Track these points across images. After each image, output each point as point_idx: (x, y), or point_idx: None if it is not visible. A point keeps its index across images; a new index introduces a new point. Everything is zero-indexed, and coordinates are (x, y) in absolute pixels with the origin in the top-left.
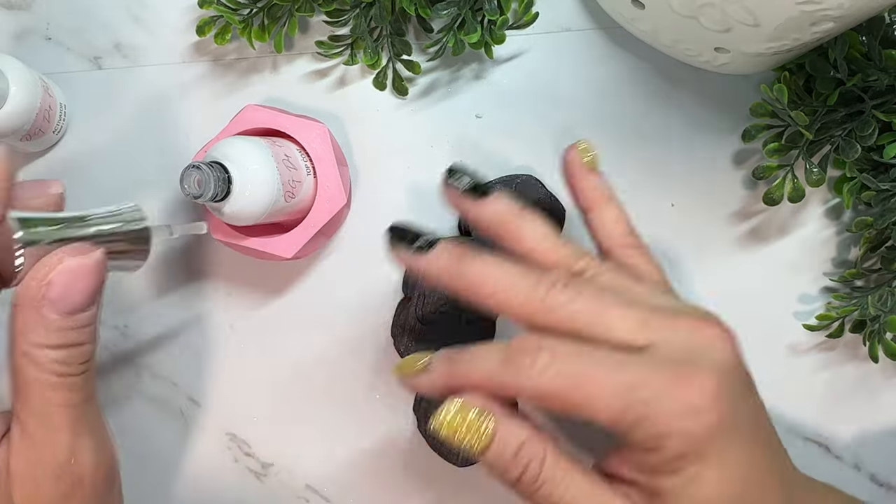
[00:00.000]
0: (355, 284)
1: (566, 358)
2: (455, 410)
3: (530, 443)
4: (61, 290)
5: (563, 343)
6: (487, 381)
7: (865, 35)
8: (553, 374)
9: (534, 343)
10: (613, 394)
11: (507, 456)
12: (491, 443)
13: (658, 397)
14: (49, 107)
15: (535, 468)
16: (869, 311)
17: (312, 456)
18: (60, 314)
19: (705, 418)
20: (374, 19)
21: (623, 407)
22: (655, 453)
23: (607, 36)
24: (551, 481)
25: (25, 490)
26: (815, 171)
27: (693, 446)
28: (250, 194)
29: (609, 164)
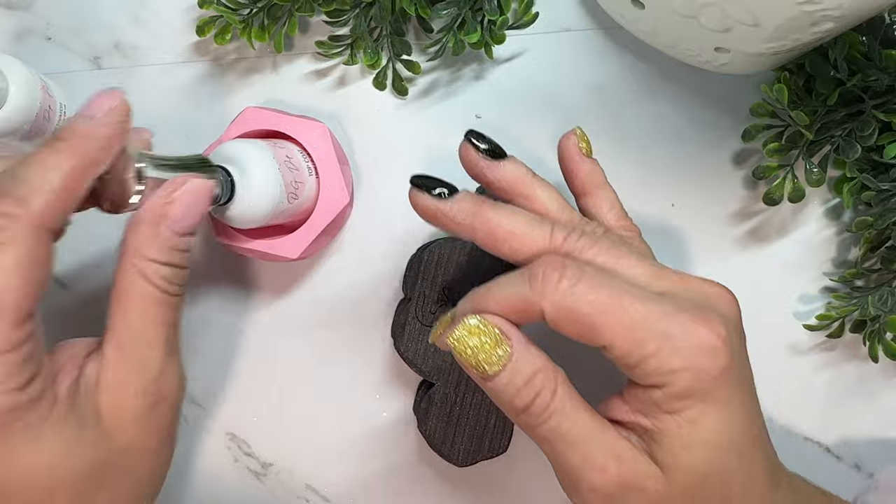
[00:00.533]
0: (356, 285)
1: (593, 279)
2: (472, 328)
3: (544, 371)
4: (182, 209)
5: (591, 267)
6: (512, 299)
7: (865, 35)
8: (580, 291)
9: (559, 262)
10: (636, 322)
11: (519, 382)
12: (505, 366)
13: (679, 332)
14: (49, 107)
15: (546, 397)
16: (869, 311)
17: (312, 456)
18: (174, 232)
19: (720, 360)
20: (374, 19)
21: (644, 337)
22: (661, 389)
23: (607, 36)
24: (560, 412)
25: (113, 400)
26: (815, 171)
27: (701, 385)
28: (254, 197)
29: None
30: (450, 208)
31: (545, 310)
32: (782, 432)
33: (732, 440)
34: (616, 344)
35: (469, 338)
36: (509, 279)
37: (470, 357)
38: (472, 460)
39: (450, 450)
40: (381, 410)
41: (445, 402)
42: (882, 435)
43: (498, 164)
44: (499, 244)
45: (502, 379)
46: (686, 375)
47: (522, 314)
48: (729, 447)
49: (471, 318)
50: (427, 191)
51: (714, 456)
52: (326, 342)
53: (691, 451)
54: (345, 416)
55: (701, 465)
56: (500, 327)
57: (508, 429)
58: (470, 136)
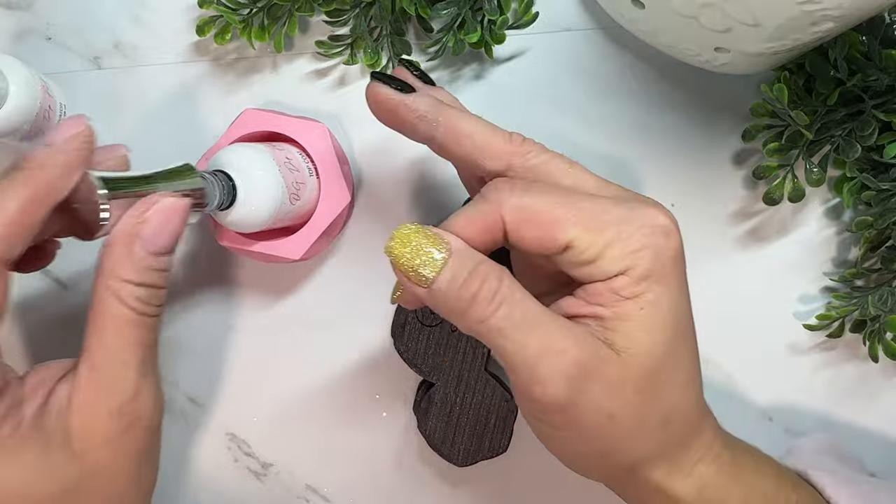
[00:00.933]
0: (356, 284)
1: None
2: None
3: (487, 262)
4: (154, 228)
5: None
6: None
7: (865, 35)
8: (536, 191)
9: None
10: (594, 211)
11: (464, 273)
12: (446, 263)
13: (633, 218)
14: (49, 107)
15: (493, 283)
16: (869, 311)
17: (312, 456)
18: (148, 252)
19: (674, 239)
20: (374, 19)
21: (603, 223)
22: (625, 274)
23: (607, 36)
24: (511, 299)
25: (84, 421)
26: (815, 171)
27: (660, 265)
28: (255, 201)
29: (609, 163)
30: (413, 100)
31: (505, 217)
32: (782, 431)
33: (681, 322)
34: (577, 235)
35: (405, 244)
36: (466, 206)
37: (407, 262)
38: (472, 460)
39: (450, 450)
40: (381, 410)
41: (445, 402)
42: (882, 435)
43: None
44: (461, 140)
45: (445, 275)
46: (647, 254)
47: (485, 233)
48: (677, 329)
49: (405, 226)
50: (388, 83)
51: (668, 337)
52: (326, 342)
53: (650, 332)
54: (345, 416)
55: (658, 346)
56: (437, 231)
57: (508, 429)
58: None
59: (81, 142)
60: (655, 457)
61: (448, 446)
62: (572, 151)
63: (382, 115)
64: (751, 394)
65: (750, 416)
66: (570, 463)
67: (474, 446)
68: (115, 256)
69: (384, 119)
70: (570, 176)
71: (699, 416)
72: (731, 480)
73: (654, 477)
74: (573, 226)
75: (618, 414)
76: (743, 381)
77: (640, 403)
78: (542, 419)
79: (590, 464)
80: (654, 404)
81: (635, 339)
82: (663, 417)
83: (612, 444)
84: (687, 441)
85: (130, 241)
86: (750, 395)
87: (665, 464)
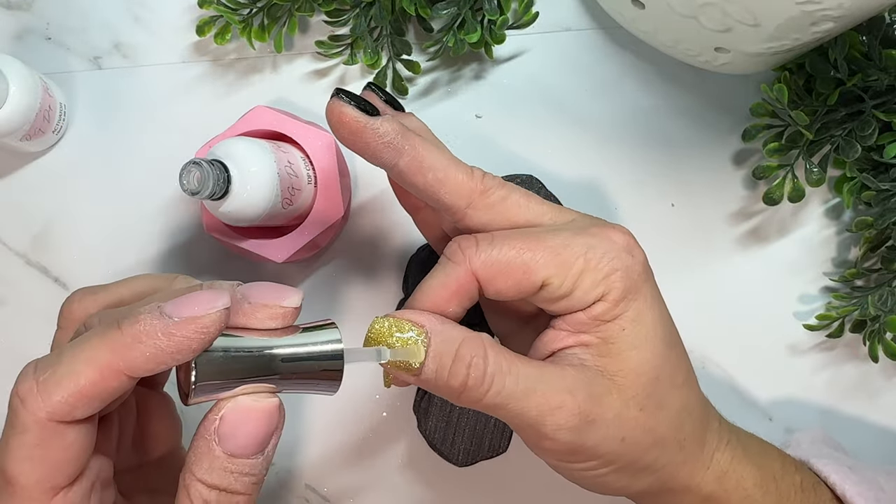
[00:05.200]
0: (355, 285)
1: (505, 235)
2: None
3: (468, 341)
4: (230, 428)
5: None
6: (445, 283)
7: (865, 35)
8: (500, 242)
9: (468, 235)
10: (559, 246)
11: (447, 361)
12: (428, 352)
13: (595, 245)
14: (49, 107)
15: (479, 365)
16: (869, 311)
17: (312, 456)
18: (225, 453)
19: (638, 254)
20: (374, 19)
21: (570, 257)
22: (602, 300)
23: (607, 36)
24: (500, 373)
25: None
26: (815, 171)
27: (632, 282)
28: (248, 196)
29: (609, 164)
30: (380, 124)
31: (477, 274)
32: (781, 431)
33: (666, 331)
34: (550, 274)
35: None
36: (433, 271)
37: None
38: (472, 460)
39: (450, 450)
40: (381, 410)
41: (445, 403)
42: (882, 435)
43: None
44: (423, 171)
45: (430, 366)
46: (619, 276)
47: (461, 295)
48: (664, 338)
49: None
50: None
51: (657, 347)
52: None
53: (639, 349)
54: (345, 416)
55: (649, 359)
56: (410, 318)
57: (508, 429)
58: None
59: (197, 330)
60: (678, 461)
61: (448, 446)
62: (572, 151)
63: (345, 136)
64: (751, 393)
65: (750, 415)
66: (599, 488)
67: (474, 446)
68: (194, 450)
69: (346, 141)
70: (528, 210)
71: (705, 408)
72: (745, 463)
73: (681, 479)
74: (544, 267)
75: (628, 435)
76: (743, 381)
77: (648, 417)
78: (559, 462)
79: (617, 484)
80: (662, 413)
81: (625, 358)
82: (675, 422)
83: (632, 462)
84: (701, 435)
85: (209, 437)
86: (750, 395)
87: (688, 463)
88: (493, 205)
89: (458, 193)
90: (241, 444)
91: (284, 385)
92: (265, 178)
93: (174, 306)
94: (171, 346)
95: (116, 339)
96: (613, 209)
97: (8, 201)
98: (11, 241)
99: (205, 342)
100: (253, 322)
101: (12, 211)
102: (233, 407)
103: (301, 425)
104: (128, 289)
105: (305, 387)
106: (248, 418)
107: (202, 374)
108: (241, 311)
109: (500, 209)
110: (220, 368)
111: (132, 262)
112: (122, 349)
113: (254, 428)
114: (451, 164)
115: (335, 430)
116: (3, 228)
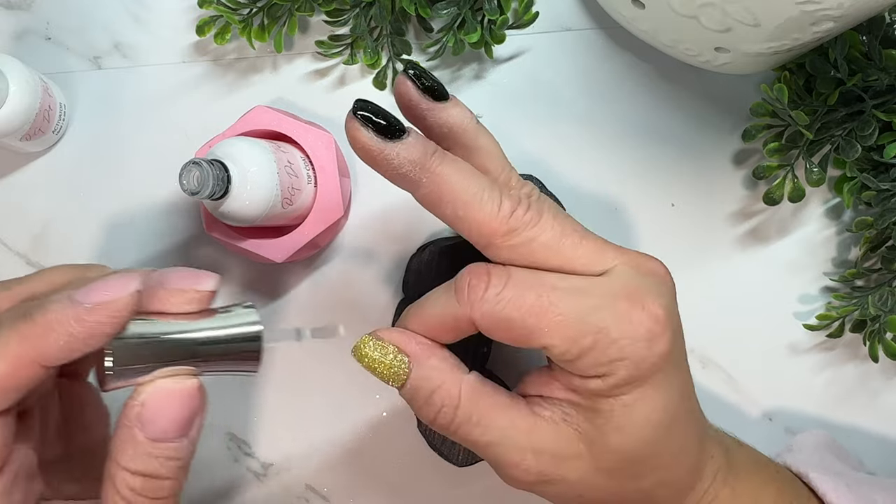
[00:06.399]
0: (355, 285)
1: (520, 282)
2: (372, 347)
3: (443, 388)
4: (151, 412)
5: (517, 270)
6: (442, 317)
7: (866, 35)
8: (508, 297)
9: (484, 270)
10: (569, 320)
11: (420, 400)
12: (404, 383)
13: (615, 323)
14: (49, 107)
15: (447, 414)
16: (869, 311)
17: (312, 456)
18: (148, 438)
19: (659, 346)
20: (374, 19)
21: (579, 333)
22: (601, 379)
23: (607, 36)
24: (467, 424)
25: None
26: (815, 171)
27: (641, 372)
28: (248, 197)
29: (609, 164)
30: (396, 154)
31: (476, 321)
32: (781, 432)
33: (665, 418)
34: (554, 343)
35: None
36: (438, 295)
37: (375, 371)
38: (471, 460)
39: (450, 450)
40: (381, 410)
41: None
42: (882, 435)
43: (441, 107)
44: (442, 205)
45: (407, 393)
46: (625, 365)
47: (455, 330)
48: (660, 424)
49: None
50: (370, 124)
51: (645, 436)
52: (326, 342)
53: (624, 432)
54: (345, 416)
55: (631, 445)
56: (398, 343)
57: None
58: (410, 70)
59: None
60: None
61: (448, 446)
62: (572, 151)
63: (361, 158)
64: (751, 394)
65: (750, 415)
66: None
67: None
68: (117, 438)
69: (364, 161)
70: (556, 255)
71: (691, 475)
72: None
73: None
74: (548, 336)
75: (587, 494)
76: (743, 381)
77: (615, 485)
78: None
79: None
80: (632, 484)
81: (607, 436)
82: (646, 494)
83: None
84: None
85: (131, 424)
86: (750, 395)
87: None
88: (516, 247)
89: (477, 232)
90: (163, 427)
91: (204, 367)
92: (265, 178)
93: (85, 293)
94: (83, 331)
95: (28, 329)
96: (613, 209)
97: (8, 201)
98: (11, 241)
99: (117, 326)
100: (169, 307)
101: (12, 211)
102: (152, 391)
103: (301, 425)
104: (42, 281)
105: (225, 368)
106: (170, 401)
107: (118, 360)
108: (156, 296)
109: (524, 252)
110: (136, 353)
111: (132, 262)
112: (33, 339)
113: (176, 411)
114: (474, 200)
115: (335, 430)
116: (3, 228)
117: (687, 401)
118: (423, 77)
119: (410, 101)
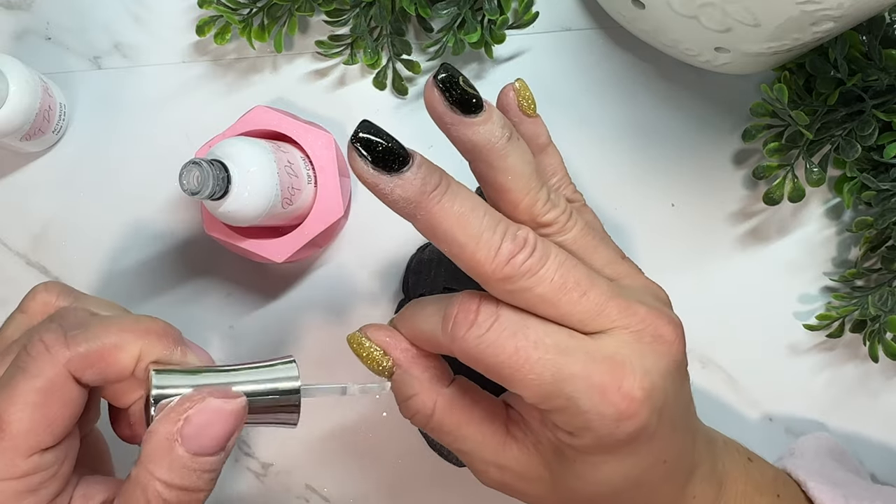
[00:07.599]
0: (355, 285)
1: (504, 329)
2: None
3: (419, 397)
4: (196, 429)
5: (506, 313)
6: (428, 335)
7: (866, 35)
8: (488, 341)
9: (475, 303)
10: (543, 380)
11: (398, 400)
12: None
13: (586, 395)
14: (49, 107)
15: (420, 420)
16: (869, 311)
17: (312, 456)
18: (189, 452)
19: (627, 426)
20: (374, 19)
21: (550, 393)
22: (569, 436)
23: (607, 36)
24: (439, 430)
25: None
26: (815, 171)
27: (606, 445)
28: (248, 197)
29: (609, 164)
30: (391, 191)
31: (455, 353)
32: (782, 432)
33: (628, 483)
34: (525, 395)
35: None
36: (430, 313)
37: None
38: None
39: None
40: (381, 410)
41: None
42: (882, 435)
43: (467, 123)
44: (436, 240)
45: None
46: (590, 436)
47: (439, 349)
48: (623, 487)
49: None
50: (370, 153)
51: (605, 491)
52: (326, 342)
53: (585, 481)
54: (345, 416)
55: (590, 492)
56: (384, 347)
57: None
58: (440, 79)
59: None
60: None
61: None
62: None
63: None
64: (751, 393)
65: (750, 416)
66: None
67: None
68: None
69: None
70: (553, 308)
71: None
72: None
73: None
74: (521, 387)
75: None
76: (743, 381)
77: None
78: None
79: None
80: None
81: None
82: None
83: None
84: None
85: (171, 438)
86: (750, 395)
87: None
88: (512, 292)
89: (473, 273)
90: (205, 444)
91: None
92: (265, 178)
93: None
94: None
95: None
96: (613, 209)
97: (8, 201)
98: (11, 241)
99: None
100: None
101: (12, 211)
102: (201, 408)
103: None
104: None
105: (265, 420)
106: (217, 418)
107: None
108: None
109: (520, 299)
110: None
111: (132, 262)
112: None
113: (220, 428)
114: (470, 242)
115: (335, 430)
116: (3, 228)
117: (661, 465)
118: (452, 88)
119: (435, 111)
